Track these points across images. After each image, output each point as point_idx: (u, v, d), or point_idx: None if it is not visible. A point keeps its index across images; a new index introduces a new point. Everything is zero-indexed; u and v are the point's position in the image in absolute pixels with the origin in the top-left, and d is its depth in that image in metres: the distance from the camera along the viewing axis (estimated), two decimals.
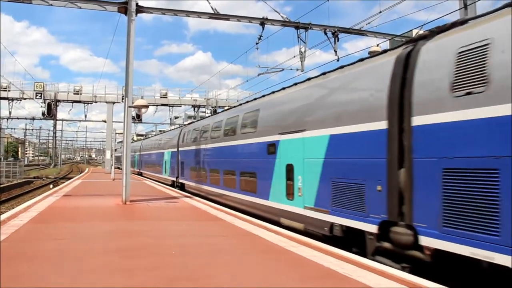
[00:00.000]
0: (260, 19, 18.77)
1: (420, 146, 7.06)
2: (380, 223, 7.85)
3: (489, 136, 5.90)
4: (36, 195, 25.12)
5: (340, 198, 9.12)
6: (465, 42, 6.54)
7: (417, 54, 7.49)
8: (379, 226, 7.88)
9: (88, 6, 16.54)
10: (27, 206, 13.86)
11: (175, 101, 50.11)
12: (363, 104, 8.65)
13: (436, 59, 7.07)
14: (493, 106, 5.86)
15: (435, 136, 6.79)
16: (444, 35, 7.30)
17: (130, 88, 16.21)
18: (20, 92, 44.09)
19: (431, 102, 6.93)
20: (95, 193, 19.93)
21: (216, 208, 14.68)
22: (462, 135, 6.33)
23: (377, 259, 7.78)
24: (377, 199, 7.92)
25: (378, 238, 7.95)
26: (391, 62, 8.10)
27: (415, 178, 7.10)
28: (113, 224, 10.81)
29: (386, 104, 7.89)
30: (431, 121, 6.88)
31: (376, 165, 7.99)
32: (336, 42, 20.08)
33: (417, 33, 22.80)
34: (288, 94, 12.74)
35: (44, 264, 6.42)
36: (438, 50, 7.13)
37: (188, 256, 7.21)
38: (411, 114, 7.28)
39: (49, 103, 43.35)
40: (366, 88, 8.78)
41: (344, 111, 9.28)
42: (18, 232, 9.08)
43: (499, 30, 6.06)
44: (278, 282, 5.70)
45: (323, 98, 10.57)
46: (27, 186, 38.47)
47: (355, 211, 8.59)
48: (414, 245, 7.06)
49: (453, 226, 6.27)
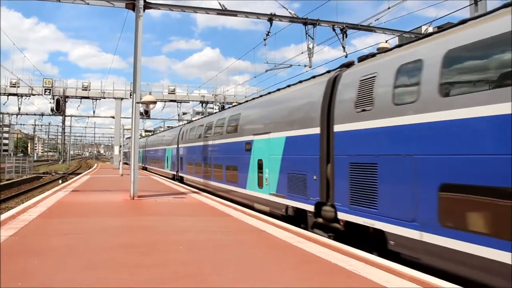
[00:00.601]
0: (268, 15, 18.71)
1: (338, 147, 9.65)
2: (316, 204, 10.42)
3: (372, 141, 8.41)
4: (45, 190, 25.28)
5: (292, 186, 11.72)
6: (364, 73, 9.03)
7: (339, 79, 10.05)
8: (315, 206, 10.46)
9: (96, 2, 16.62)
10: (36, 201, 13.97)
11: (183, 97, 50.13)
12: (306, 113, 11.26)
13: (348, 84, 9.61)
14: (375, 120, 8.33)
15: (345, 139, 9.39)
16: (357, 65, 9.93)
17: (138, 84, 16.25)
18: (29, 88, 44.31)
19: (344, 115, 9.47)
20: (104, 189, 20.04)
21: (224, 204, 14.71)
22: (358, 139, 8.88)
23: (314, 231, 10.18)
24: (314, 186, 10.50)
25: (314, 215, 10.51)
26: (324, 83, 10.70)
27: (335, 170, 9.65)
28: (121, 220, 10.87)
29: (319, 115, 10.46)
30: (343, 129, 9.45)
31: (314, 160, 10.54)
32: (344, 38, 19.97)
33: (426, 29, 22.66)
34: (260, 102, 15.70)
35: (53, 259, 6.45)
36: (350, 77, 9.65)
37: (195, 252, 7.23)
38: (333, 123, 9.82)
39: (58, 99, 43.51)
40: (309, 101, 11.33)
41: (295, 118, 11.93)
42: (27, 227, 9.16)
43: (382, 67, 8.57)
44: (286, 278, 5.70)
45: (281, 108, 13.24)
46: (37, 182, 38.78)
47: (301, 196, 11.19)
48: (335, 219, 9.63)
49: (355, 204, 8.79)
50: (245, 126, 16.08)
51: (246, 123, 16.06)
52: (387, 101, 8.08)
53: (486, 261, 5.76)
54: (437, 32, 7.85)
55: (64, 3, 17.04)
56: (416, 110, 7.29)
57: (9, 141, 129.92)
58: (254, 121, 15.34)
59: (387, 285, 5.33)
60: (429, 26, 21.91)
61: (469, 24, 6.82)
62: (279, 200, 12.46)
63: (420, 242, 7.01)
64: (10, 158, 46.42)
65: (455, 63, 6.98)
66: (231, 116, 18.25)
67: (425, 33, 20.63)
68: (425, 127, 7.08)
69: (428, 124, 7.02)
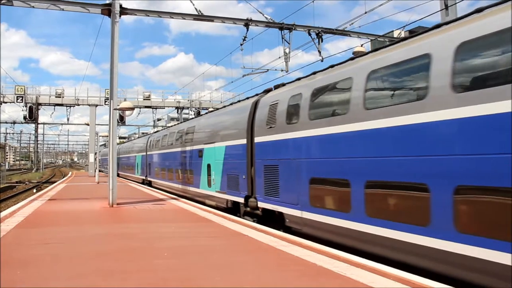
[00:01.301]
0: (244, 20, 18.76)
1: (257, 153, 12.78)
2: (245, 197, 13.54)
3: (274, 149, 11.64)
4: (20, 200, 24.77)
5: (230, 184, 14.84)
6: (271, 100, 12.28)
7: (259, 102, 13.25)
8: (244, 199, 13.59)
9: (71, 8, 16.36)
10: (12, 211, 13.68)
11: (158, 103, 49.72)
12: (238, 128, 14.37)
13: (263, 106, 12.72)
14: (276, 134, 11.51)
15: (261, 148, 12.53)
16: (272, 91, 13.09)
17: (115, 91, 16.13)
18: (1, 95, 43.29)
19: (259, 130, 12.63)
20: (81, 197, 19.76)
21: (204, 209, 14.69)
22: (268, 148, 12.03)
23: (245, 218, 12.91)
24: (244, 184, 13.65)
25: (244, 205, 13.61)
26: (249, 106, 13.79)
27: (256, 171, 12.83)
28: (102, 228, 10.76)
29: (246, 129, 13.52)
30: (259, 140, 12.62)
31: (243, 164, 13.65)
32: (320, 42, 20.19)
33: (399, 33, 23.10)
34: (209, 116, 19.29)
35: (37, 269, 6.36)
36: (265, 101, 12.81)
37: (180, 258, 7.22)
38: (253, 135, 12.96)
39: (31, 107, 42.60)
40: (240, 119, 14.38)
41: (231, 131, 15.12)
42: (6, 237, 8.97)
43: (280, 97, 11.79)
44: (273, 280, 5.75)
45: (222, 122, 16.58)
46: (10, 191, 37.84)
47: (235, 191, 14.35)
48: (257, 207, 12.76)
49: (268, 195, 11.99)
50: (198, 136, 19.23)
51: (199, 134, 19.25)
52: (283, 121, 11.26)
53: (332, 226, 8.94)
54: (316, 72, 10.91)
55: (36, 9, 16.77)
56: (298, 128, 10.43)
57: None
58: (204, 133, 18.52)
59: (373, 285, 5.42)
60: (402, 31, 22.41)
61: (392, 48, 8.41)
62: (222, 196, 15.58)
63: (301, 218, 10.19)
64: None
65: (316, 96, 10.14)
66: (188, 128, 21.55)
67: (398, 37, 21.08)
68: (297, 140, 10.45)
69: (299, 138, 10.33)
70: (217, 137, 16.41)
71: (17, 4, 16.00)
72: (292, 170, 10.61)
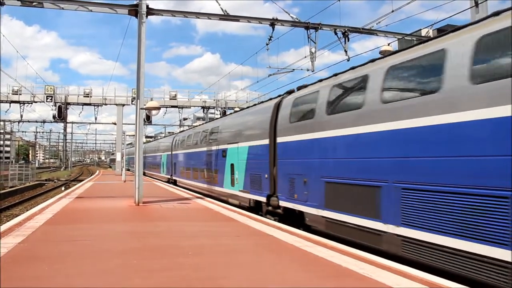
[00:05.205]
0: (270, 20, 18.70)
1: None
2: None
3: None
4: (49, 197, 25.31)
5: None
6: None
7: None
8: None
9: (99, 9, 16.63)
10: (41, 208, 13.98)
11: (184, 102, 50.11)
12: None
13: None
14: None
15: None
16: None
17: (142, 90, 16.30)
18: (31, 95, 44.35)
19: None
20: (108, 195, 20.04)
21: (229, 208, 14.71)
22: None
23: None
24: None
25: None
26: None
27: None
28: (128, 225, 10.89)
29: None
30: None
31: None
32: (346, 42, 19.99)
33: (427, 32, 22.64)
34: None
35: (63, 265, 6.46)
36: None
37: (204, 257, 7.23)
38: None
39: (60, 106, 43.45)
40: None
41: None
42: (35, 233, 9.16)
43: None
44: (297, 282, 5.70)
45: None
46: (40, 189, 38.79)
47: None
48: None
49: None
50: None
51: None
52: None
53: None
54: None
55: (66, 11, 17.10)
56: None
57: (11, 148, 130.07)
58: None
59: (398, 287, 5.33)
60: (430, 29, 21.99)
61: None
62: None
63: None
64: (13, 165, 46.37)
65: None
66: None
67: (426, 35, 20.69)
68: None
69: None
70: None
71: (47, 5, 16.35)
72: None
